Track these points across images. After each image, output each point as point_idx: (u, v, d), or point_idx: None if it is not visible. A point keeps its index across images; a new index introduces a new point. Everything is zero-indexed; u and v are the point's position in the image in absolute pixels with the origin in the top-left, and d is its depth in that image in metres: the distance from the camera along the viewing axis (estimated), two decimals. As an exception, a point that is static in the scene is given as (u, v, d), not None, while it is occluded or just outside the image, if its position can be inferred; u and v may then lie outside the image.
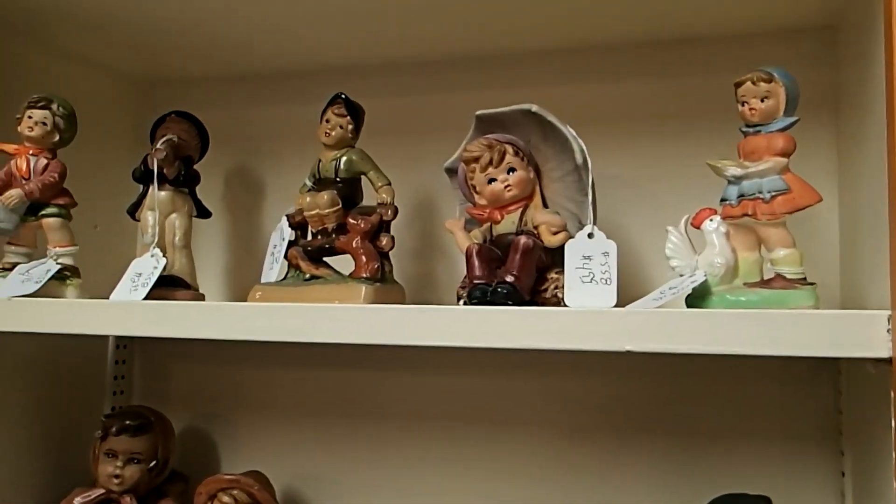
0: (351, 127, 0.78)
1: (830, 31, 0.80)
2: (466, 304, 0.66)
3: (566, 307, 0.61)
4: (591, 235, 0.64)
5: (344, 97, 0.79)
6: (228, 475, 0.84)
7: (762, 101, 0.62)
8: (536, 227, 0.69)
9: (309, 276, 0.79)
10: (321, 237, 0.79)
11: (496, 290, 0.64)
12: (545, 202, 0.72)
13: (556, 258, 0.67)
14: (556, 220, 0.68)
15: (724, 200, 0.63)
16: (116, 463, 0.84)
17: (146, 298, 0.72)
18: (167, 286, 0.80)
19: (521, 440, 0.89)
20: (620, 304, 0.59)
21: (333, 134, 0.78)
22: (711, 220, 0.64)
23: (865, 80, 0.66)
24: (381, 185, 0.78)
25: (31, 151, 0.80)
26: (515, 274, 0.64)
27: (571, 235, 0.66)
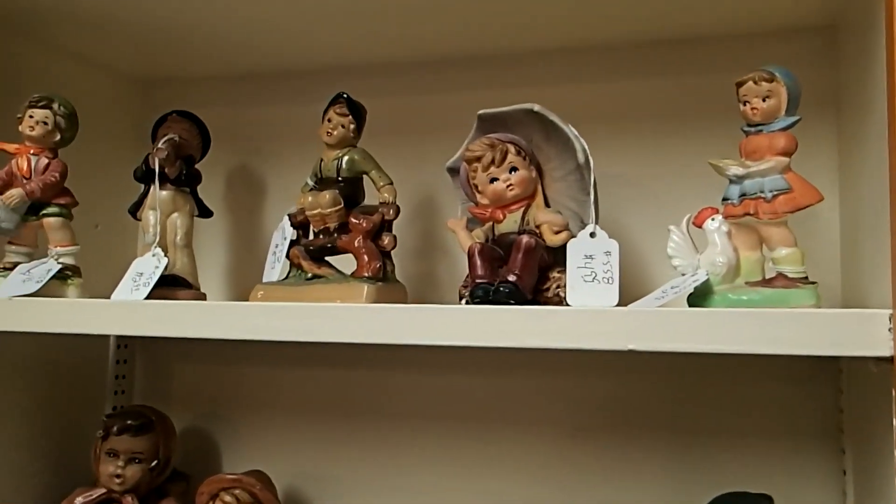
0: (353, 126, 0.78)
1: (831, 30, 0.80)
2: (469, 303, 0.66)
3: (568, 306, 0.61)
4: (593, 235, 0.64)
5: (346, 96, 0.79)
6: (230, 475, 0.84)
7: (764, 100, 0.62)
8: (538, 226, 0.69)
9: (311, 275, 0.79)
10: (323, 236, 0.79)
11: (498, 289, 0.64)
12: (547, 201, 0.71)
13: (558, 257, 0.67)
14: (558, 219, 0.68)
15: (725, 200, 0.63)
16: (118, 462, 0.84)
17: (147, 298, 0.72)
18: (168, 286, 0.80)
19: (523, 439, 0.89)
20: (622, 303, 0.59)
21: (335, 133, 0.78)
22: (713, 219, 0.64)
23: (866, 79, 0.66)
24: (382, 184, 0.78)
25: (31, 151, 0.80)
26: (517, 273, 0.64)
27: (573, 235, 0.66)
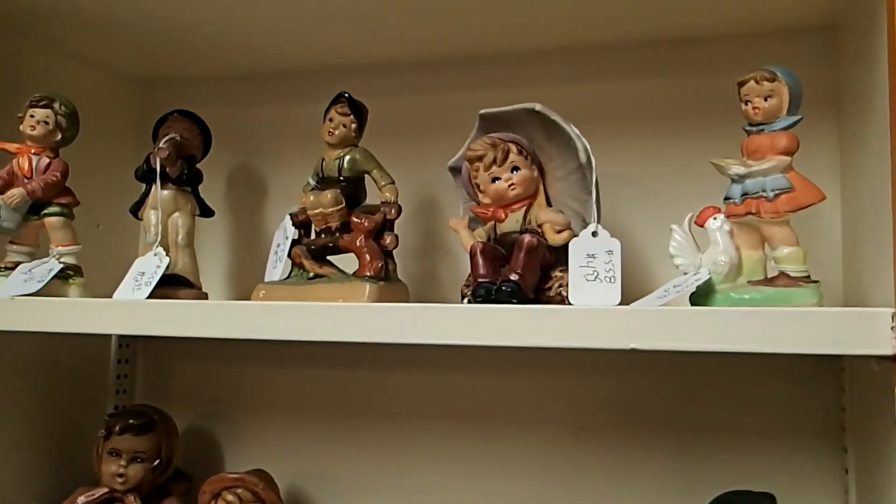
0: (354, 126, 0.78)
1: (832, 30, 0.80)
2: (471, 302, 0.66)
3: (570, 305, 0.61)
4: (594, 234, 0.64)
5: (347, 96, 0.79)
6: (232, 474, 0.84)
7: (765, 99, 0.62)
8: (540, 225, 0.69)
9: (312, 274, 0.79)
10: (325, 236, 0.79)
11: (500, 288, 0.64)
12: (549, 201, 0.71)
13: (560, 256, 0.67)
14: (559, 218, 0.68)
15: (727, 199, 0.64)
16: (120, 462, 0.84)
17: (149, 297, 0.72)
18: (170, 285, 0.80)
19: (525, 438, 0.89)
20: (624, 302, 0.59)
21: (337, 133, 0.78)
22: (715, 218, 0.64)
23: (867, 79, 0.66)
24: (384, 183, 0.78)
25: (33, 150, 0.80)
26: (520, 272, 0.64)
27: (575, 234, 0.66)
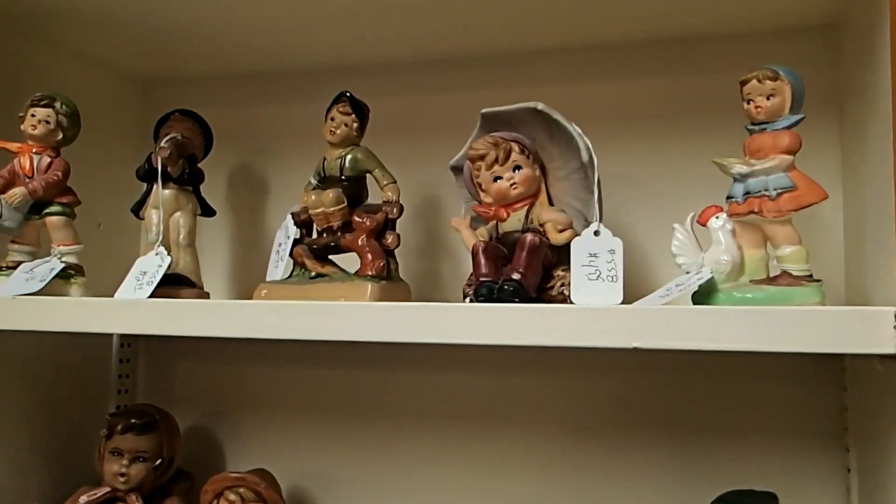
0: (356, 125, 0.78)
1: (834, 29, 0.80)
2: (473, 301, 0.66)
3: (572, 304, 0.61)
4: (597, 233, 0.63)
5: (349, 95, 0.79)
6: (234, 473, 0.84)
7: (768, 98, 0.62)
8: (542, 224, 0.68)
9: (314, 274, 0.79)
10: (326, 235, 0.79)
11: (502, 287, 0.64)
12: (551, 200, 0.71)
13: (562, 256, 0.67)
14: (561, 217, 0.68)
15: (730, 198, 0.64)
16: (122, 461, 0.84)
17: (151, 297, 0.72)
18: (172, 284, 0.79)
19: (526, 438, 0.89)
20: (627, 301, 0.59)
21: (338, 132, 0.78)
22: (717, 217, 0.64)
23: (869, 78, 0.66)
24: (386, 182, 0.78)
25: (34, 150, 0.80)
26: (522, 271, 0.64)
27: (577, 233, 0.66)
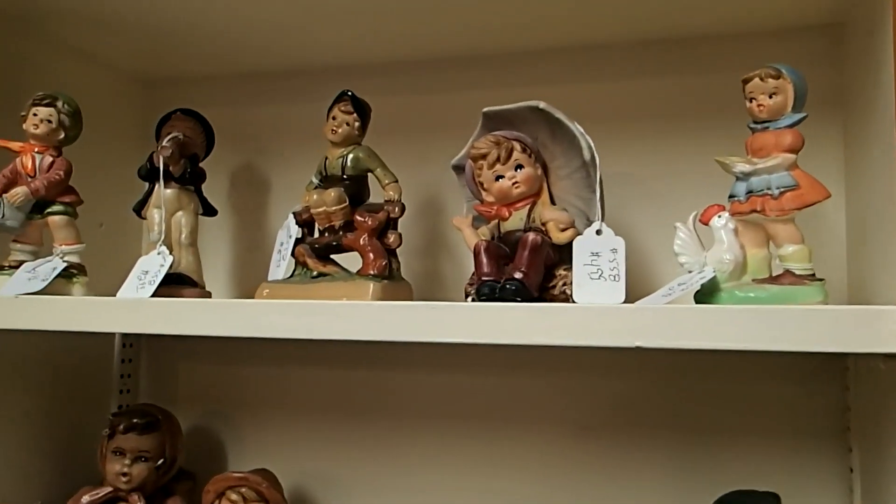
0: (357, 124, 0.78)
1: (837, 28, 0.80)
2: (475, 300, 0.66)
3: (575, 304, 0.61)
4: (599, 232, 0.63)
5: (350, 94, 0.79)
6: (236, 473, 0.84)
7: (770, 97, 0.62)
8: (544, 223, 0.68)
9: (316, 273, 0.79)
10: (328, 234, 0.79)
11: (504, 286, 0.63)
12: (553, 199, 0.71)
13: (564, 255, 0.67)
14: (563, 216, 0.68)
15: (732, 197, 0.63)
16: (124, 461, 0.84)
17: (153, 296, 0.72)
18: (174, 284, 0.80)
19: (528, 437, 0.89)
20: (629, 300, 0.59)
21: (340, 131, 0.78)
22: (720, 216, 0.64)
23: (872, 78, 0.66)
24: (388, 182, 0.78)
25: (36, 149, 0.80)
26: (524, 271, 0.64)
27: (579, 232, 0.65)
